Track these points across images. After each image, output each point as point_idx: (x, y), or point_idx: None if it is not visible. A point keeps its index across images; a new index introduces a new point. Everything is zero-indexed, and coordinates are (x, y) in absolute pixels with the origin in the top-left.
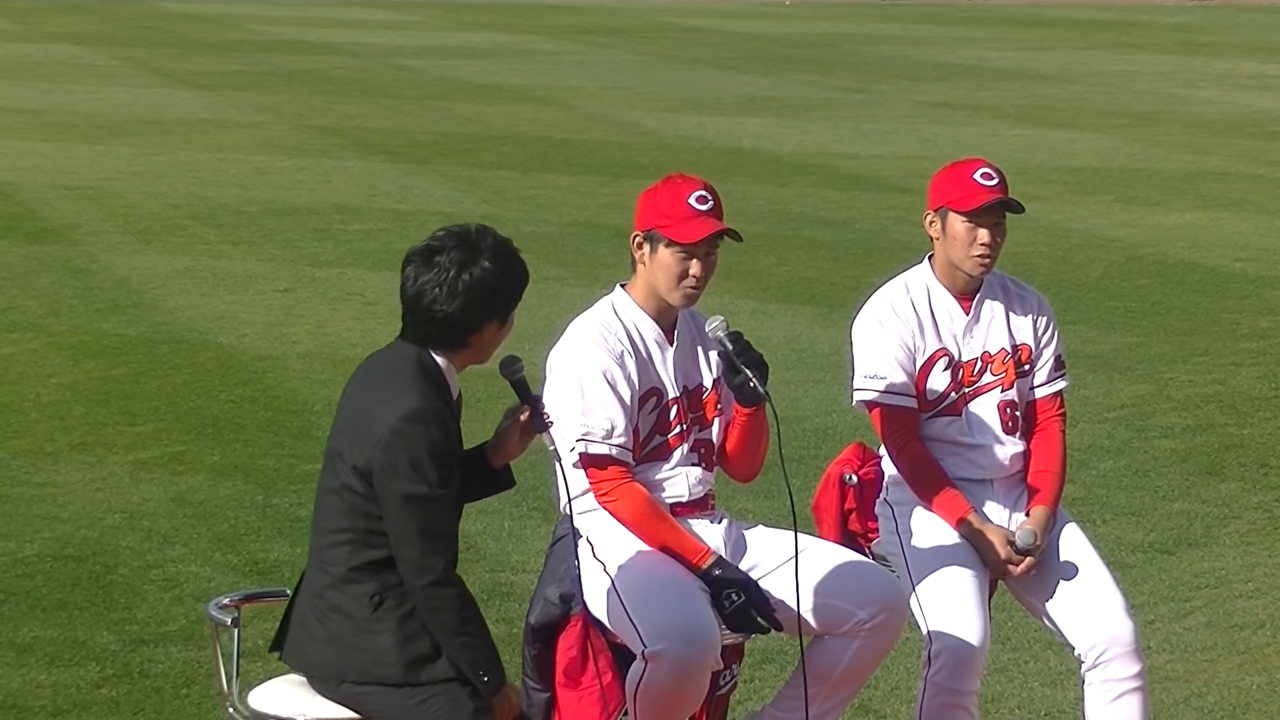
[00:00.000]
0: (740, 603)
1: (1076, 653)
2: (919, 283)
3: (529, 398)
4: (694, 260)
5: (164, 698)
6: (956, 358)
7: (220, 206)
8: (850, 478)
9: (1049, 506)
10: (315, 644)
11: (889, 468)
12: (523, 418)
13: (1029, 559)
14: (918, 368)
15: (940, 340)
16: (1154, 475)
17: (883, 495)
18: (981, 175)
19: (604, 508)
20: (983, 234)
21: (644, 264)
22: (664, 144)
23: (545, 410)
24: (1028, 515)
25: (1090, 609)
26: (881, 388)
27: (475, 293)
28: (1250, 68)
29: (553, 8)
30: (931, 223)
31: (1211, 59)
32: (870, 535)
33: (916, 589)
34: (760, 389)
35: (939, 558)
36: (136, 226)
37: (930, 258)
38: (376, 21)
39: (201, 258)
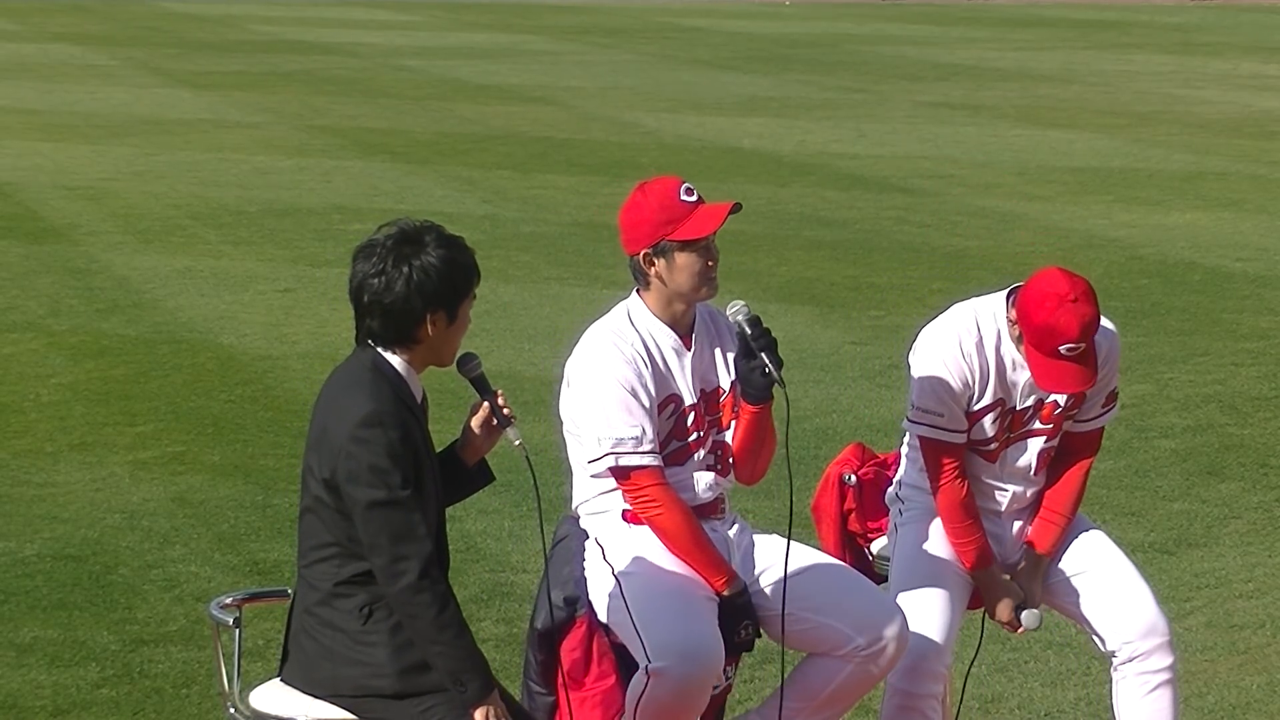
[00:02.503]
0: (749, 638)
1: (1108, 648)
2: (991, 324)
3: (487, 394)
4: (709, 251)
5: (164, 698)
6: (1010, 405)
7: (220, 206)
8: (849, 478)
9: (1044, 554)
10: (311, 661)
11: (907, 465)
12: (482, 413)
13: (1022, 629)
14: (971, 410)
15: (999, 390)
16: (1154, 475)
17: (894, 490)
18: (1067, 349)
19: (644, 517)
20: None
21: (660, 277)
22: (664, 144)
23: (504, 405)
24: (1026, 545)
25: (1124, 604)
26: (937, 424)
27: (416, 283)
28: (1250, 68)
29: (553, 8)
30: (1012, 321)
31: (1211, 59)
32: (870, 535)
33: (894, 590)
34: (775, 373)
35: (923, 566)
36: (136, 226)
37: (1008, 302)
38: (376, 21)
39: (201, 258)
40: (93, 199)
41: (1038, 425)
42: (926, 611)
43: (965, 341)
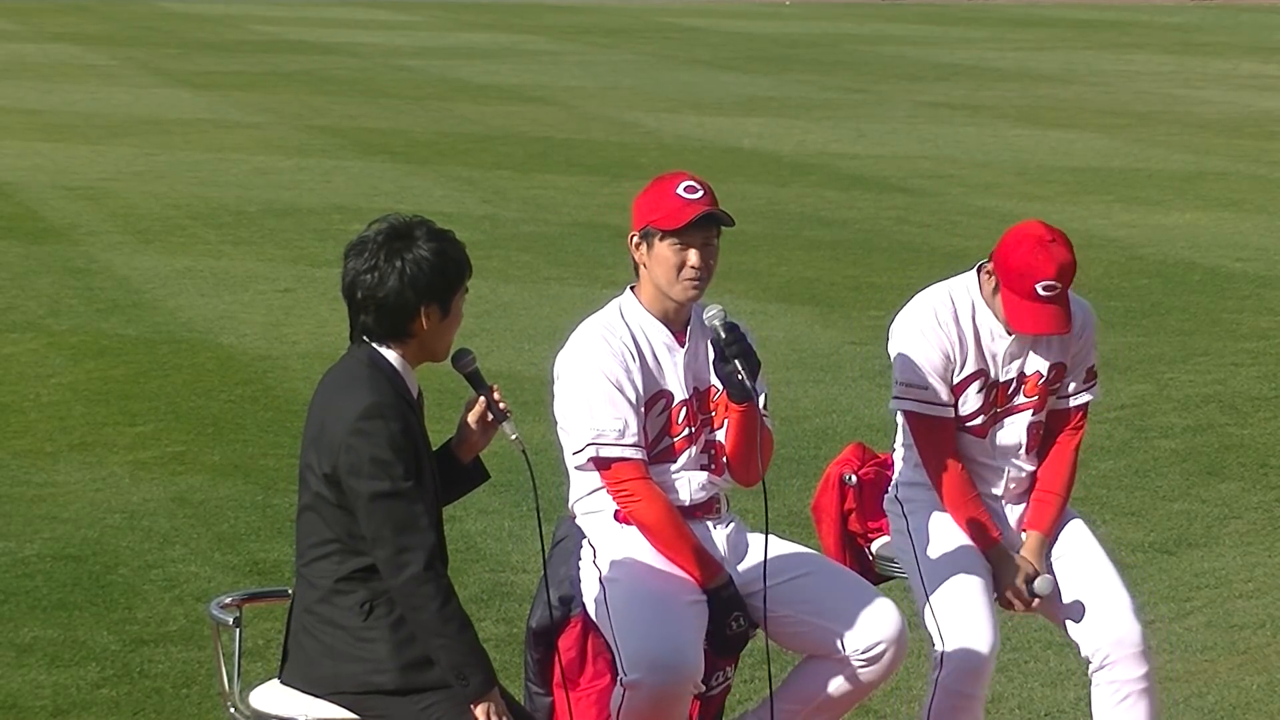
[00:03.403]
0: (742, 630)
1: (1083, 654)
2: (964, 296)
3: (482, 389)
4: (690, 250)
5: (164, 698)
6: (992, 378)
7: (220, 206)
8: (850, 478)
9: (1045, 534)
10: (311, 659)
11: (902, 467)
12: (479, 409)
13: (1036, 601)
14: (955, 382)
15: (980, 360)
16: (1154, 475)
17: (893, 493)
18: (1044, 288)
19: (624, 509)
20: (1021, 334)
21: (644, 264)
22: (664, 144)
23: (500, 400)
24: (1024, 534)
25: (1097, 610)
26: (922, 398)
27: (408, 277)
28: (1250, 68)
29: (553, 8)
30: (988, 274)
31: (1211, 59)
32: (870, 535)
33: (929, 592)
34: (747, 383)
35: (952, 562)
36: (136, 226)
37: (980, 270)
38: (376, 21)
39: (201, 258)
40: (93, 199)
41: (1022, 399)
42: (971, 612)
43: (941, 313)
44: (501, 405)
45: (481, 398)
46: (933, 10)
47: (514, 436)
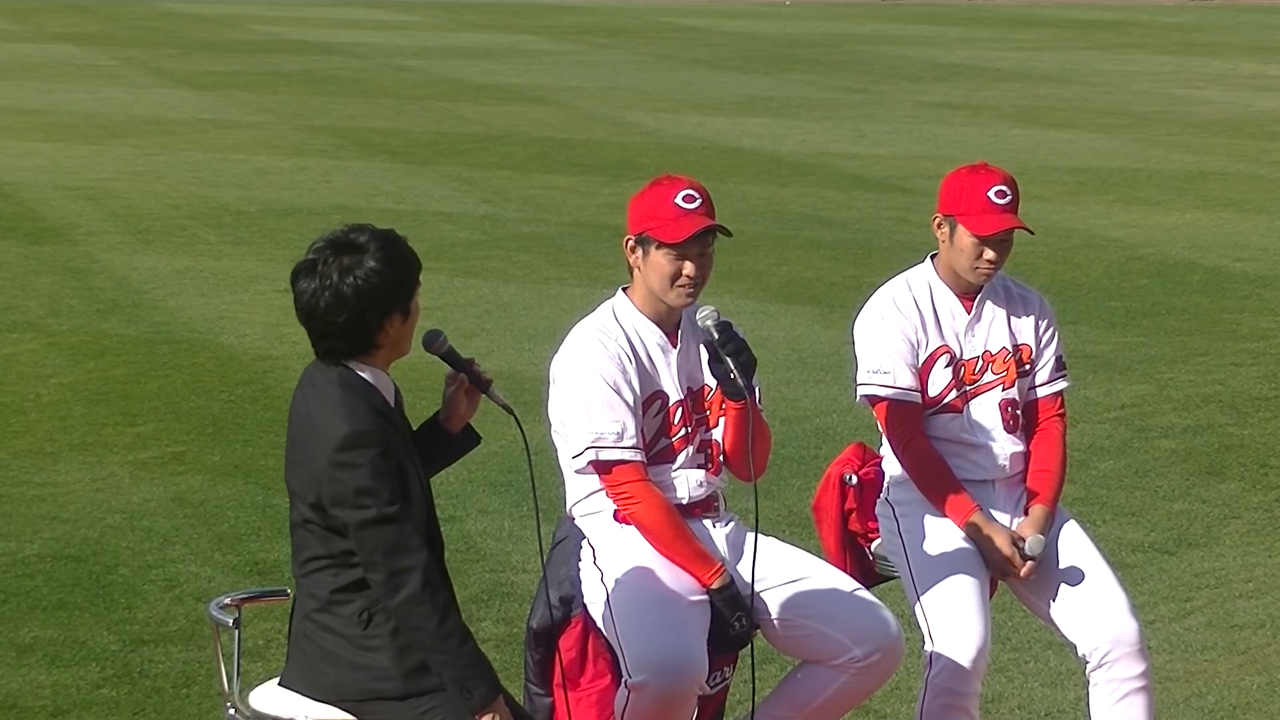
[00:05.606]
0: (745, 630)
1: (1081, 653)
2: (921, 280)
3: (461, 365)
4: (686, 260)
5: (164, 698)
6: (958, 355)
7: (220, 206)
8: (850, 478)
9: (1048, 506)
10: (313, 665)
11: (890, 467)
12: (462, 383)
13: (1031, 563)
14: (920, 363)
15: (942, 337)
16: (1154, 475)
17: (884, 495)
18: (995, 194)
19: (624, 511)
20: (989, 253)
21: (639, 268)
22: (664, 144)
23: (481, 371)
24: (1026, 514)
25: (1094, 609)
26: (885, 382)
27: (365, 293)
28: (1250, 68)
29: (553, 8)
30: (939, 225)
31: (1211, 59)
32: (870, 535)
33: (919, 592)
34: (739, 382)
35: (943, 561)
36: (136, 226)
37: (933, 257)
38: (376, 21)
39: (201, 258)
40: (93, 199)
41: (991, 376)
42: (961, 612)
43: (899, 299)
44: (485, 375)
45: (462, 374)
46: (933, 10)
47: (502, 402)
